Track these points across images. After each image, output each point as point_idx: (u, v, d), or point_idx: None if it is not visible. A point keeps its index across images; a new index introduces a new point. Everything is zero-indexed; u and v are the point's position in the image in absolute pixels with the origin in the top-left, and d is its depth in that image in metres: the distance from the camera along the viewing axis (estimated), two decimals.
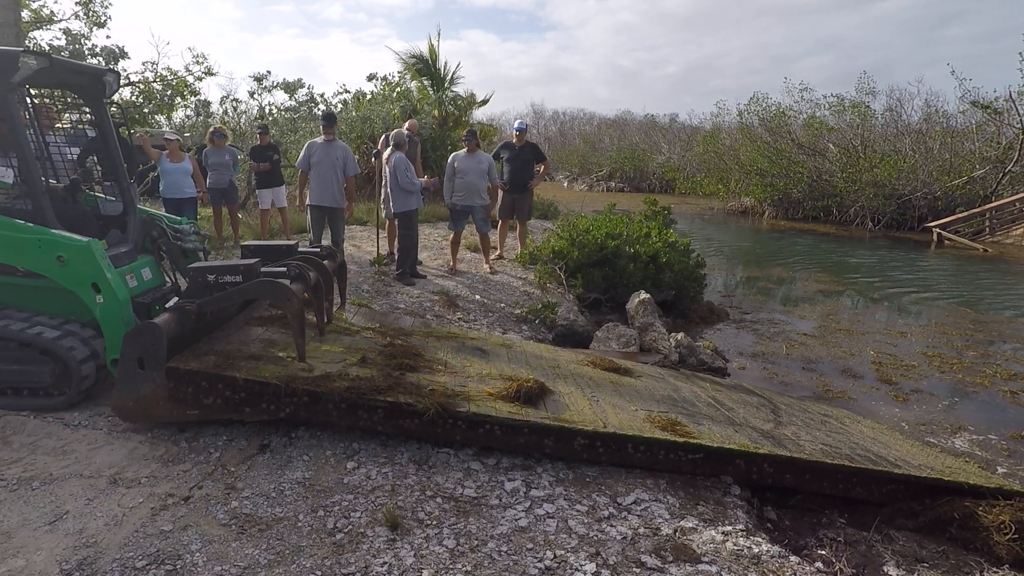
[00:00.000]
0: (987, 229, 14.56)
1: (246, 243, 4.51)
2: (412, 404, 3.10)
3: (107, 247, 3.63)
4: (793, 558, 2.63)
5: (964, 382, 5.64)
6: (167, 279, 4.31)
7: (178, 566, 2.16)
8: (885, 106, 19.65)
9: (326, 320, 4.19)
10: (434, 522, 2.56)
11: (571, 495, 2.89)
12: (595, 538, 2.55)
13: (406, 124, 7.42)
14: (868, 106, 18.76)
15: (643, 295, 6.43)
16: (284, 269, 3.69)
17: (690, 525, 2.75)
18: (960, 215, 14.84)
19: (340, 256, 4.96)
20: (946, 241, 14.28)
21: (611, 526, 2.66)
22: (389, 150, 6.46)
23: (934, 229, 14.55)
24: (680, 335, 5.96)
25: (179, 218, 4.58)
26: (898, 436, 4.22)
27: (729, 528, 2.77)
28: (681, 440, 3.16)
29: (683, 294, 7.56)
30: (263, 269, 3.59)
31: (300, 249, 4.30)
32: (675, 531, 2.68)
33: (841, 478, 3.23)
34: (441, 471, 2.99)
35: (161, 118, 13.83)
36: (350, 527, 2.47)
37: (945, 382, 5.64)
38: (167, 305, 3.39)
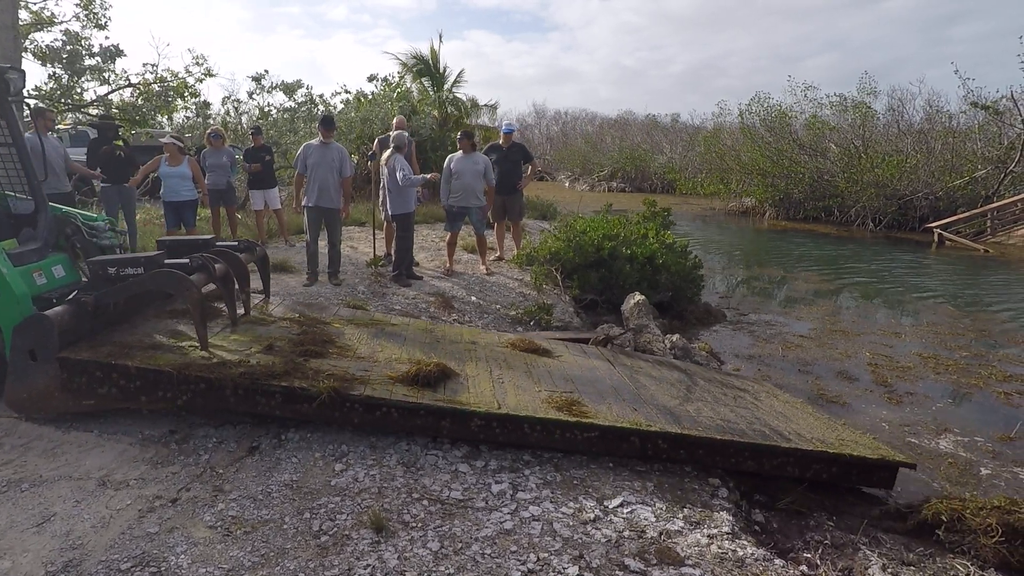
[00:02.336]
0: (988, 230, 14.50)
1: (162, 238, 4.59)
2: (306, 388, 3.15)
3: (18, 245, 3.66)
4: (778, 561, 2.63)
5: (959, 383, 5.63)
6: (84, 277, 4.32)
7: (162, 568, 2.18)
8: (887, 106, 19.61)
9: (244, 311, 4.32)
10: (419, 524, 2.57)
11: (557, 497, 2.90)
12: (579, 540, 2.56)
13: (394, 120, 7.43)
14: (870, 106, 18.71)
15: (638, 297, 6.43)
16: (186, 261, 3.75)
17: (675, 528, 2.76)
18: (961, 215, 14.79)
19: (261, 249, 5.03)
20: (947, 242, 14.23)
21: (596, 528, 2.67)
22: (388, 152, 6.48)
23: (935, 230, 14.50)
24: (675, 337, 5.96)
25: (95, 215, 4.58)
26: (808, 410, 4.28)
27: (715, 531, 2.78)
28: (573, 420, 3.22)
29: (680, 295, 7.56)
30: (167, 261, 3.67)
31: (219, 243, 4.42)
32: (660, 534, 2.69)
33: (732, 452, 3.31)
34: (429, 473, 3.01)
35: (163, 119, 13.89)
36: (335, 529, 2.49)
37: (940, 384, 5.63)
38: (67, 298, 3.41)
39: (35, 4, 9.38)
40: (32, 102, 9.99)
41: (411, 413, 3.21)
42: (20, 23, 10.17)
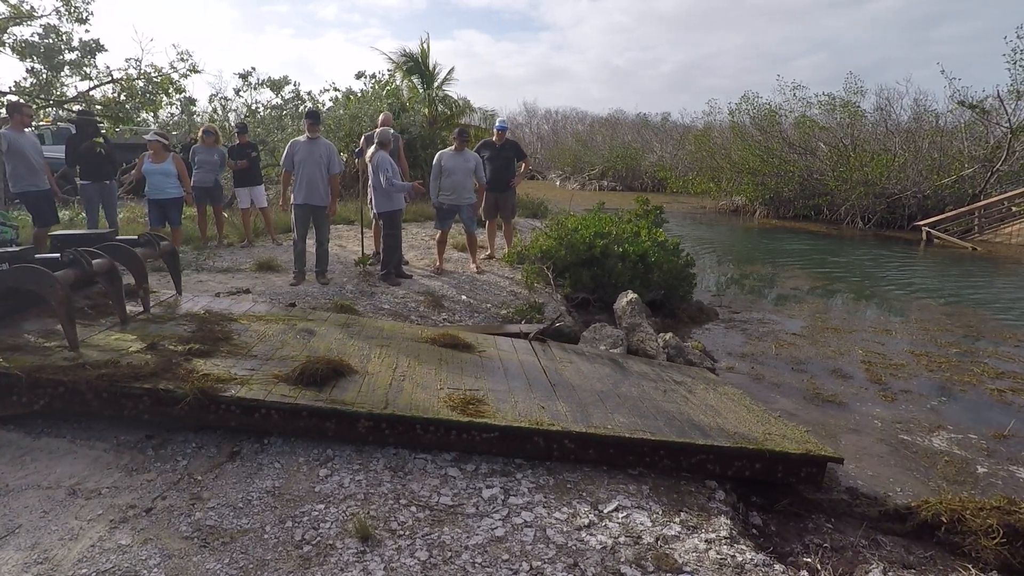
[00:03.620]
0: (976, 228, 14.61)
1: (56, 233, 4.46)
2: (171, 390, 2.99)
3: None
4: (778, 566, 2.55)
5: (952, 381, 5.60)
6: None
7: None
8: (875, 105, 19.72)
9: (143, 308, 4.21)
10: (407, 532, 2.47)
11: (551, 502, 2.81)
12: (573, 548, 2.47)
13: (380, 117, 7.30)
14: (858, 106, 18.80)
15: (631, 295, 6.36)
16: (56, 256, 3.61)
17: (672, 533, 2.68)
18: (949, 214, 14.88)
19: (168, 245, 4.89)
20: (935, 240, 14.32)
21: (591, 535, 2.57)
22: (373, 148, 6.36)
23: (923, 228, 14.59)
24: (668, 335, 5.89)
25: None
26: (744, 403, 4.14)
27: (712, 535, 2.70)
28: (465, 420, 3.09)
29: (672, 294, 7.50)
30: (36, 256, 3.52)
31: (119, 238, 4.31)
32: (657, 539, 2.61)
33: (647, 451, 3.19)
34: (417, 478, 2.90)
35: (148, 116, 13.63)
36: (319, 539, 2.38)
37: (933, 381, 5.60)
38: None
39: None
40: (13, 98, 9.74)
41: (293, 414, 3.06)
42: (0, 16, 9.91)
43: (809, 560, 2.80)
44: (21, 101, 7.20)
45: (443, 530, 2.51)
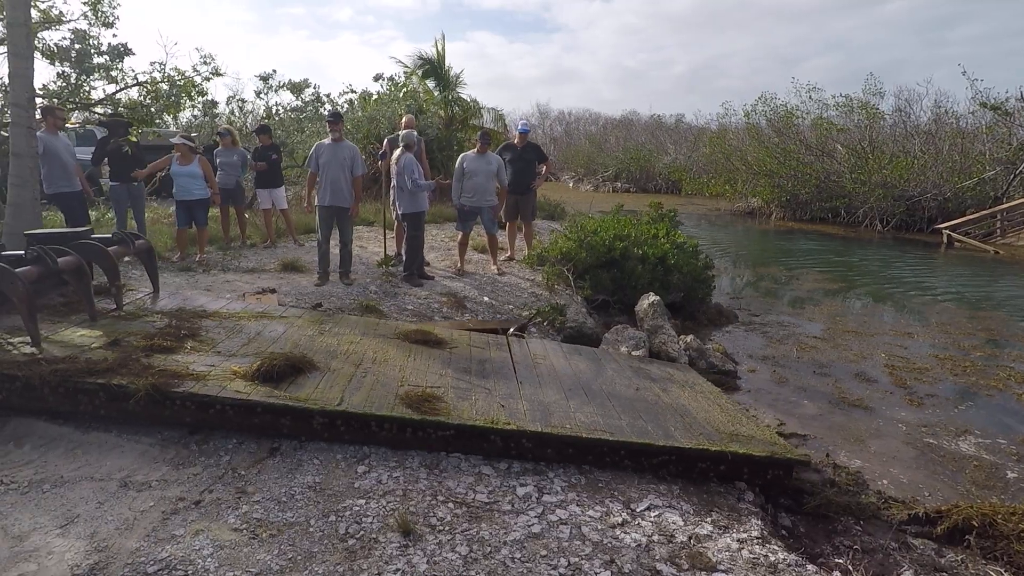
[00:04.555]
0: (998, 231, 14.42)
1: (32, 231, 4.54)
2: (124, 386, 3.00)
3: None
4: (810, 567, 2.58)
5: (978, 385, 5.57)
6: None
7: (190, 572, 2.14)
8: (894, 107, 19.53)
9: (116, 306, 4.28)
10: (446, 528, 2.53)
11: (583, 500, 2.86)
12: (609, 545, 2.51)
13: (403, 120, 7.38)
14: (877, 107, 18.63)
15: (652, 297, 6.38)
16: (20, 253, 3.68)
17: (705, 532, 2.71)
18: (970, 216, 14.70)
19: (144, 243, 4.94)
20: (956, 243, 14.16)
21: (625, 533, 2.62)
22: (399, 151, 6.44)
23: (944, 231, 14.43)
24: (689, 338, 5.92)
25: None
26: (720, 403, 4.08)
27: (744, 535, 2.73)
28: (418, 418, 3.10)
29: (692, 296, 7.51)
30: (2, 254, 3.61)
31: (94, 236, 4.38)
32: (690, 538, 2.65)
33: (607, 451, 3.18)
34: (452, 475, 2.97)
35: (169, 118, 13.85)
36: (362, 533, 2.45)
37: (959, 385, 5.57)
38: None
39: (43, 2, 9.35)
40: (49, 102, 9.96)
41: (248, 411, 3.07)
42: (31, 21, 10.14)
43: (841, 561, 2.83)
44: (55, 104, 7.38)
45: (481, 526, 2.56)
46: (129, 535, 2.33)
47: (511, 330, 4.94)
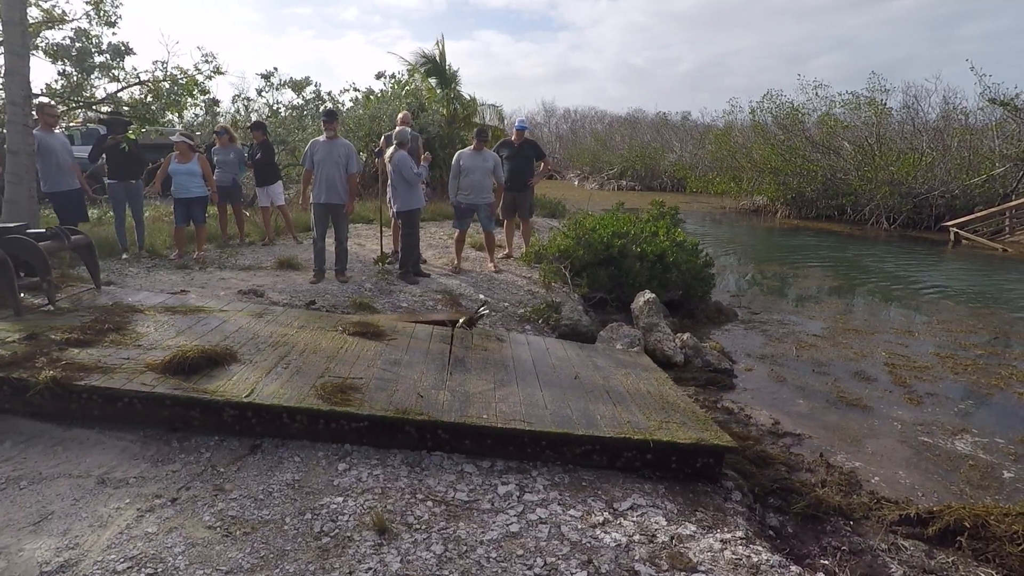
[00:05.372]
0: (1007, 228, 14.21)
1: None
2: (24, 379, 2.97)
3: None
4: (794, 568, 2.54)
5: (978, 384, 5.48)
6: None
7: (159, 569, 2.13)
8: (902, 103, 19.32)
9: (48, 301, 4.27)
10: (423, 526, 2.50)
11: (565, 499, 2.82)
12: (588, 545, 2.48)
13: (399, 116, 7.35)
14: (884, 103, 18.41)
15: (648, 295, 6.33)
16: None
17: (687, 532, 2.67)
18: (979, 214, 14.51)
19: (83, 238, 4.88)
20: (964, 241, 13.98)
21: (605, 532, 2.58)
22: (392, 148, 6.42)
23: (951, 228, 14.25)
24: (686, 336, 5.86)
25: None
26: (662, 391, 3.90)
27: (728, 535, 2.69)
28: (327, 409, 3.04)
29: (691, 294, 7.45)
30: None
31: (29, 231, 4.38)
32: (672, 538, 2.60)
33: (527, 442, 3.11)
34: (434, 474, 2.94)
35: (173, 116, 13.92)
36: (337, 531, 2.42)
37: (960, 384, 5.49)
38: None
39: (46, 1, 9.40)
40: (45, 99, 10.01)
41: (156, 403, 3.03)
42: (32, 21, 10.20)
43: (827, 562, 2.78)
44: (46, 101, 7.41)
45: (459, 525, 2.53)
46: (102, 532, 2.31)
47: (460, 322, 4.87)
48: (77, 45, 8.41)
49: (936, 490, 3.72)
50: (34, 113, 6.16)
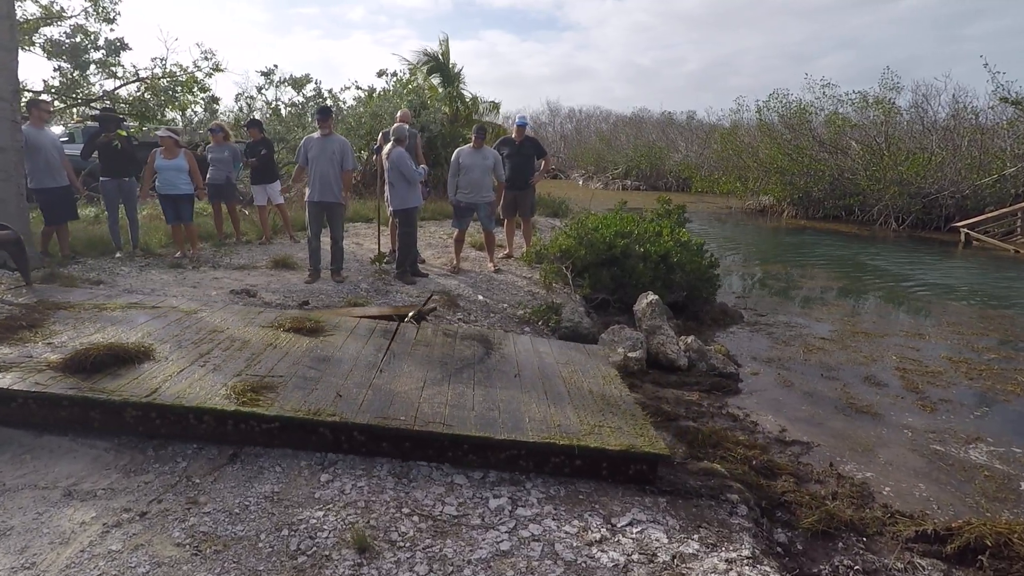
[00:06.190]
0: (1019, 229, 13.94)
1: None
2: None
3: None
4: None
5: (993, 390, 5.29)
6: None
7: None
8: (911, 102, 19.02)
9: None
10: (407, 544, 2.35)
11: (560, 514, 2.66)
12: (583, 565, 2.32)
13: (398, 113, 7.20)
14: (893, 103, 18.13)
15: (651, 296, 6.16)
16: None
17: (690, 551, 2.50)
18: (990, 214, 14.25)
19: (11, 233, 4.73)
20: (974, 242, 13.73)
21: (602, 551, 2.42)
22: (389, 145, 6.27)
23: (962, 229, 14.00)
24: (690, 338, 5.69)
25: None
26: (604, 392, 3.69)
27: (734, 554, 2.52)
28: (232, 410, 2.88)
29: (695, 295, 7.27)
30: None
31: None
32: (673, 558, 2.44)
33: (447, 445, 2.94)
34: (422, 485, 2.78)
35: (175, 114, 13.85)
36: (314, 549, 2.27)
37: (973, 390, 5.29)
38: None
39: None
40: (47, 97, 9.92)
41: (51, 404, 2.87)
42: (30, 17, 10.13)
43: None
44: (40, 97, 7.29)
45: (445, 542, 2.38)
46: (62, 550, 2.17)
47: (408, 316, 4.70)
48: (72, 40, 8.30)
49: (951, 503, 3.54)
50: (25, 109, 6.04)
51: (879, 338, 6.79)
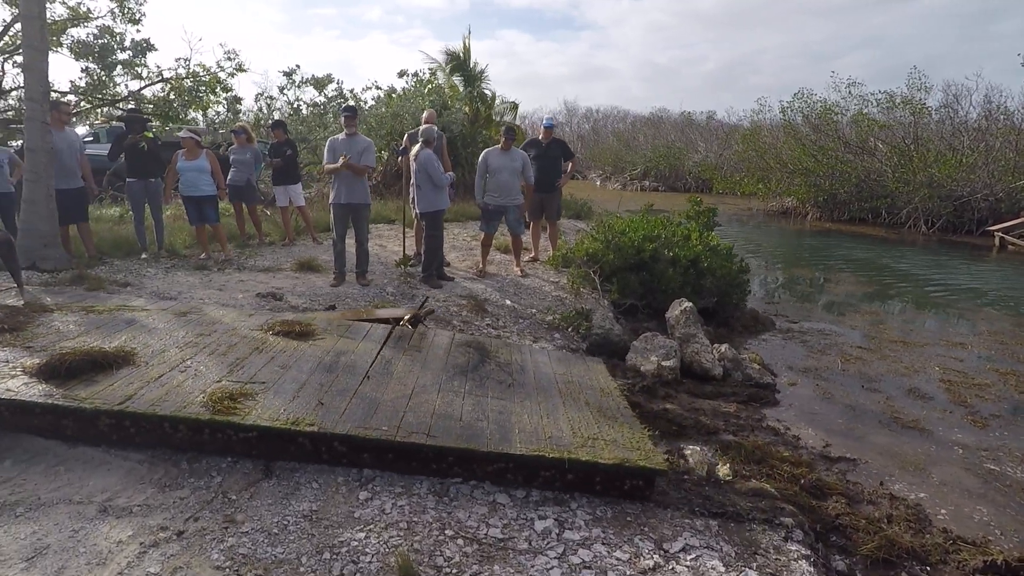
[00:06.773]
0: None
1: None
2: None
3: None
4: None
5: None
6: None
7: None
8: (940, 102, 18.54)
9: None
10: (454, 570, 2.24)
11: (610, 538, 2.54)
12: None
13: (424, 115, 7.09)
14: (923, 103, 17.68)
15: (685, 304, 5.99)
16: None
17: None
18: None
19: (1, 234, 4.65)
20: (1010, 246, 13.34)
21: None
22: (417, 147, 6.18)
23: (996, 233, 13.62)
24: (724, 347, 5.53)
25: None
26: (600, 402, 3.56)
27: None
28: (207, 418, 2.77)
29: (725, 301, 7.09)
30: None
31: None
32: None
33: (432, 457, 2.81)
34: (463, 505, 2.67)
35: (197, 114, 13.91)
36: (358, 574, 2.17)
37: None
38: None
39: None
40: (72, 98, 9.99)
41: (24, 411, 2.78)
42: (57, 18, 10.21)
43: None
44: (60, 99, 7.30)
45: (493, 569, 2.26)
46: (100, 571, 2.09)
47: (403, 320, 4.57)
48: (100, 42, 8.33)
49: (1014, 528, 3.35)
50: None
51: (919, 347, 6.56)
